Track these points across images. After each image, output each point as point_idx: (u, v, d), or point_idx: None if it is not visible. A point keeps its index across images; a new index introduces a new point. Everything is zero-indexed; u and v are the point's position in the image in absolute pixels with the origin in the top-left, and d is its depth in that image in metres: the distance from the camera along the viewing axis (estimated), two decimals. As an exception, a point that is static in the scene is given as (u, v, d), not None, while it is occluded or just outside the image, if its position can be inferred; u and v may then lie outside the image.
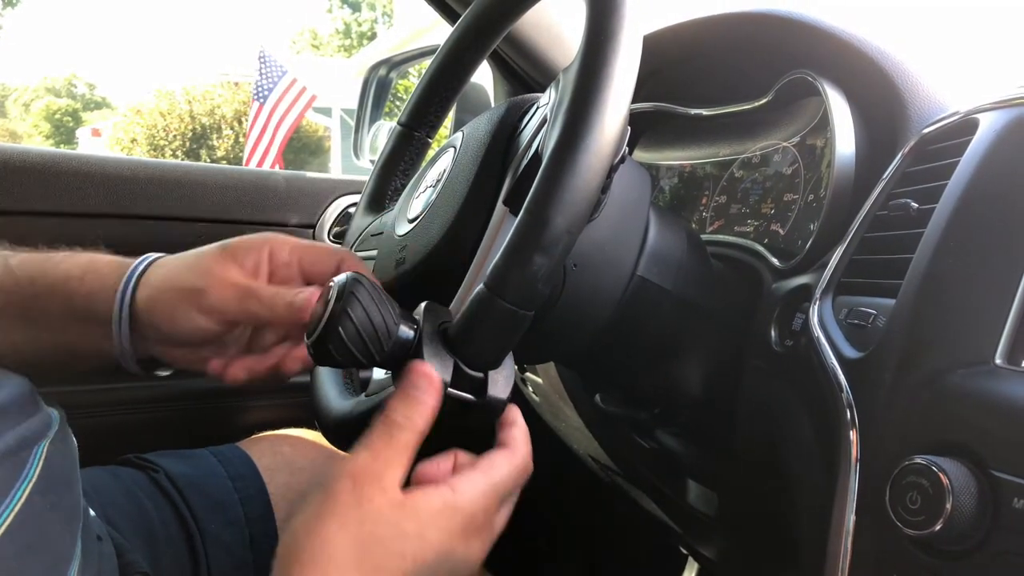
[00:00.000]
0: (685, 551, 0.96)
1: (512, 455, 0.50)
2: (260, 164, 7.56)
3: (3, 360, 0.58)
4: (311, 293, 0.55)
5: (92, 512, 0.64)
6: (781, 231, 0.72)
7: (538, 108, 0.61)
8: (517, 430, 0.51)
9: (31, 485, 0.51)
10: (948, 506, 0.41)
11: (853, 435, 0.50)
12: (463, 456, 0.50)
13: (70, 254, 0.61)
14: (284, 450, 0.86)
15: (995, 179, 0.50)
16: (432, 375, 0.47)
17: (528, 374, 1.04)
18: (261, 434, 0.91)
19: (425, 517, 0.45)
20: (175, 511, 0.75)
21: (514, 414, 0.52)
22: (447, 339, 0.49)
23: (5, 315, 0.59)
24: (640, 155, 0.94)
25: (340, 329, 0.45)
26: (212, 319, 0.56)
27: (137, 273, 0.58)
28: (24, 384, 0.56)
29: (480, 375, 0.49)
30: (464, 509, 0.47)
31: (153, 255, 0.60)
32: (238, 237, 0.60)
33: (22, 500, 0.50)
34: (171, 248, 0.62)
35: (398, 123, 0.82)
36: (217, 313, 0.56)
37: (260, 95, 7.69)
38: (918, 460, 0.43)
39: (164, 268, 0.58)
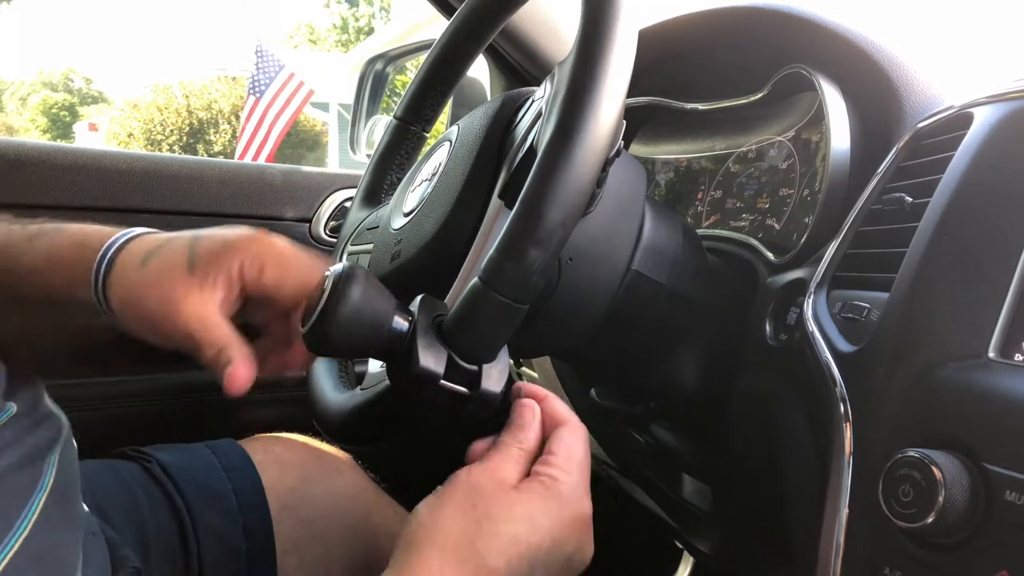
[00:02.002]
0: (680, 545, 0.97)
1: (577, 427, 0.53)
2: (255, 159, 7.53)
3: (9, 346, 0.57)
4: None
5: (85, 508, 0.64)
6: (776, 225, 0.72)
7: (533, 101, 0.61)
8: (556, 403, 0.54)
9: (46, 495, 0.50)
10: (940, 499, 0.41)
11: (846, 428, 0.50)
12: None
13: (32, 238, 0.57)
14: (276, 448, 0.86)
15: (989, 173, 0.50)
16: (529, 409, 0.53)
17: (524, 368, 1.04)
18: (253, 436, 0.91)
19: (535, 502, 0.48)
20: (168, 500, 0.75)
21: (545, 399, 0.55)
22: (441, 331, 0.49)
23: None
24: (636, 149, 0.94)
25: (334, 319, 0.45)
26: (180, 341, 0.54)
27: (103, 273, 0.54)
28: (34, 389, 0.56)
29: (474, 368, 0.49)
30: (565, 495, 0.50)
31: (115, 241, 0.55)
32: (211, 243, 0.54)
33: (37, 511, 0.49)
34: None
35: (394, 117, 0.82)
36: (183, 339, 0.54)
37: (256, 90, 7.66)
38: (911, 453, 0.43)
39: (129, 278, 0.53)
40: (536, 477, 0.50)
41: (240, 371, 0.51)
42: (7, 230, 0.58)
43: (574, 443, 0.52)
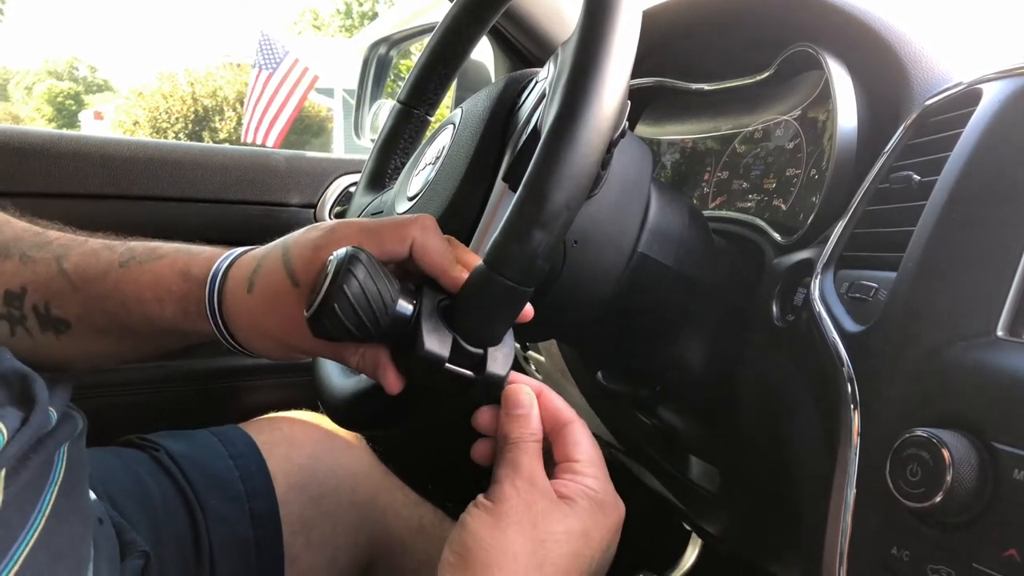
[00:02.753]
0: (688, 527, 0.97)
1: (583, 425, 0.54)
2: (264, 141, 7.55)
3: (82, 365, 0.58)
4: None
5: (93, 495, 0.64)
6: (783, 206, 0.71)
7: (537, 83, 0.60)
8: (554, 398, 0.54)
9: (57, 487, 0.51)
10: (948, 478, 0.41)
11: (854, 409, 0.49)
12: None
13: (126, 264, 0.56)
14: (284, 427, 0.87)
15: (997, 150, 0.49)
16: (522, 393, 0.52)
17: (531, 352, 1.04)
18: (260, 417, 0.91)
19: (586, 517, 0.50)
20: (177, 488, 0.75)
21: (541, 392, 0.54)
22: (446, 315, 0.49)
23: (81, 329, 0.56)
24: (641, 130, 0.93)
25: (335, 305, 0.45)
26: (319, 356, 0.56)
27: (217, 308, 0.53)
28: (61, 382, 0.56)
29: (479, 351, 0.49)
30: (607, 503, 0.51)
31: (218, 271, 0.54)
32: (302, 249, 0.52)
33: (51, 503, 0.49)
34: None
35: (397, 101, 0.82)
36: (322, 356, 0.56)
37: (268, 66, 7.66)
38: (919, 433, 0.43)
39: (242, 308, 0.53)
40: (580, 488, 0.50)
41: (388, 381, 0.51)
42: (106, 257, 0.57)
43: (590, 444, 0.53)
